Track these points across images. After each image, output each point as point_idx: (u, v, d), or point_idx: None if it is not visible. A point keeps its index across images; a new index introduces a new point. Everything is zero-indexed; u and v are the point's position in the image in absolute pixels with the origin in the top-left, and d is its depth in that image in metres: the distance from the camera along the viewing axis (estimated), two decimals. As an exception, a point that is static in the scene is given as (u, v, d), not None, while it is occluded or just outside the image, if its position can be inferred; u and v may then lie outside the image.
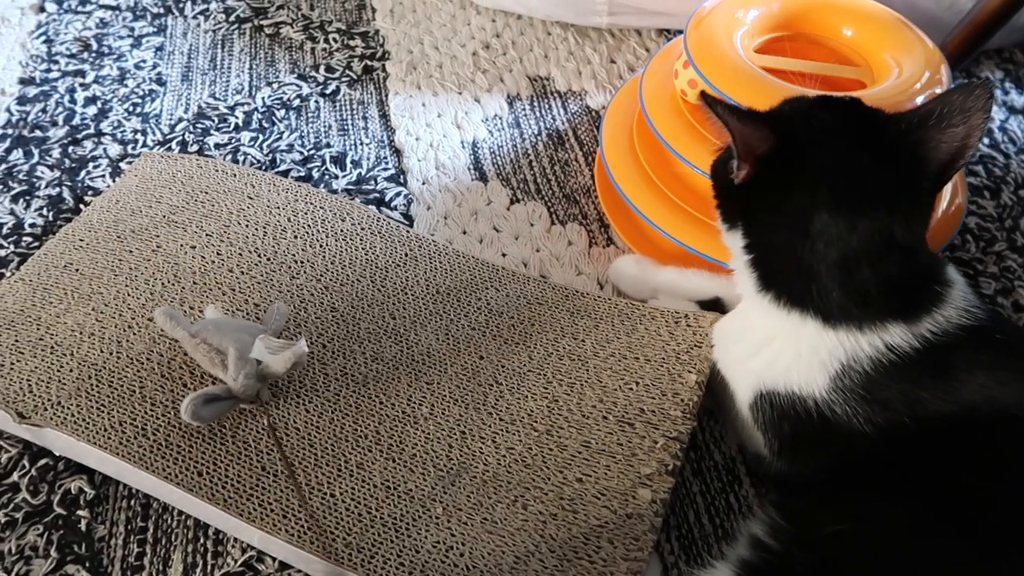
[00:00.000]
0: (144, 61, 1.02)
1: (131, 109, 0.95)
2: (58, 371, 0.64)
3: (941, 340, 0.54)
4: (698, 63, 0.73)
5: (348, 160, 0.91)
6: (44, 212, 0.83)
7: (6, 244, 0.79)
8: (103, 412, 0.62)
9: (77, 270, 0.71)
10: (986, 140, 0.97)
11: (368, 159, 0.91)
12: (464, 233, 0.84)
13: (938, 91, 0.71)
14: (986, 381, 0.54)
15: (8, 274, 0.76)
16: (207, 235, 0.74)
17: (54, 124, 0.93)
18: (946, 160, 0.55)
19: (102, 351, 0.65)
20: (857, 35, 0.78)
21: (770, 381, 0.59)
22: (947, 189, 0.82)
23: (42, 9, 1.09)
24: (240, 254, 0.73)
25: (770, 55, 0.77)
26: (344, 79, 1.01)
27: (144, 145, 0.91)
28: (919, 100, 0.70)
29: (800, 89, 0.70)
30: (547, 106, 0.99)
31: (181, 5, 1.11)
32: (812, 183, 0.54)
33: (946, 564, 0.50)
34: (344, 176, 0.89)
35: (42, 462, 0.63)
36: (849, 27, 0.79)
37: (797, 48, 0.80)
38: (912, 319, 0.55)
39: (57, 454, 0.63)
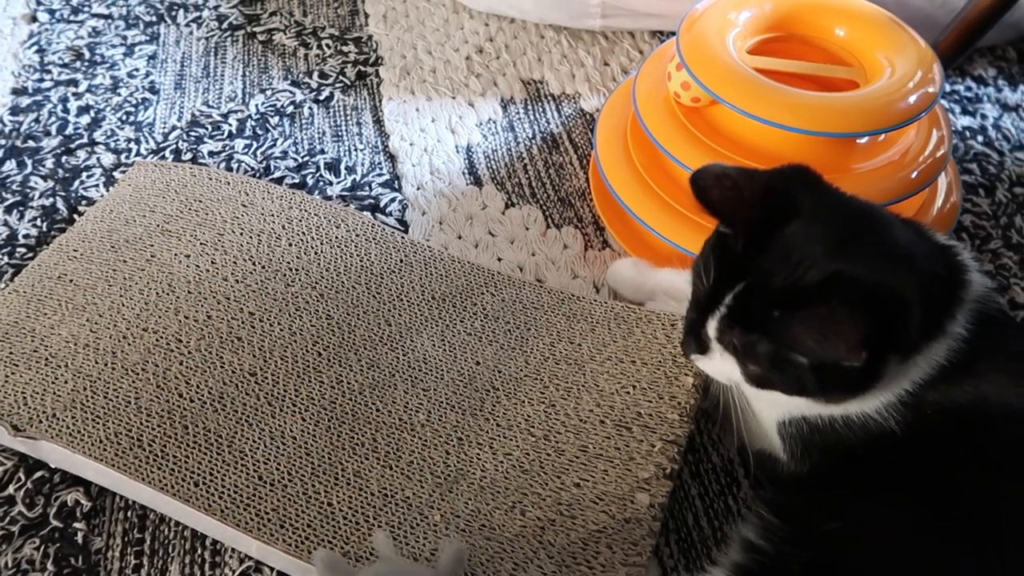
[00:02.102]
0: (137, 70, 1.02)
1: (124, 118, 0.95)
2: (53, 383, 0.63)
3: (971, 332, 0.54)
4: (691, 65, 0.73)
5: (342, 166, 0.90)
6: (38, 223, 0.82)
7: (0, 255, 0.79)
8: (98, 423, 0.61)
9: (71, 281, 0.71)
10: (980, 138, 0.97)
11: (362, 165, 0.91)
12: (459, 238, 0.84)
13: (931, 90, 0.71)
14: (1001, 378, 0.54)
15: (2, 286, 0.76)
16: (201, 244, 0.74)
17: (47, 134, 0.93)
18: None
19: (97, 362, 0.65)
20: (849, 35, 0.78)
21: (814, 411, 0.57)
22: (941, 187, 0.82)
23: (34, 19, 1.09)
24: (235, 262, 0.73)
25: (763, 56, 0.77)
26: (338, 85, 1.01)
27: (138, 154, 0.91)
28: (912, 99, 0.70)
29: (793, 90, 0.70)
30: (541, 109, 0.99)
31: (173, 13, 1.11)
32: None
33: (944, 563, 0.50)
34: (338, 182, 0.88)
35: (38, 474, 0.63)
36: (841, 27, 0.79)
37: (790, 49, 0.80)
38: (955, 317, 0.54)
39: (53, 466, 0.63)
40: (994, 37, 1.04)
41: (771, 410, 0.60)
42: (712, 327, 0.54)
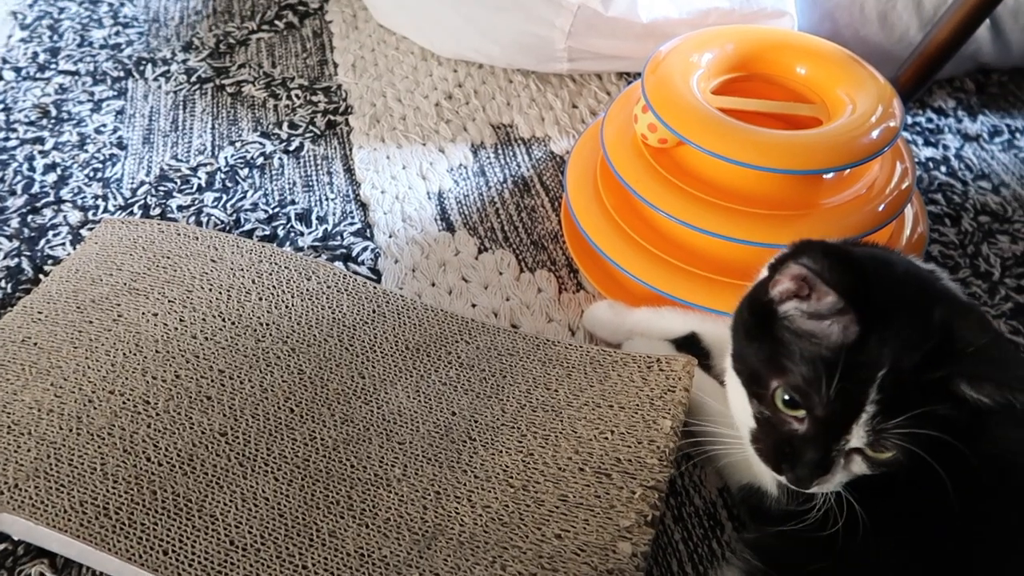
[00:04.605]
0: (104, 125, 1.02)
1: (92, 174, 0.94)
2: (15, 452, 0.61)
3: None
4: (656, 107, 0.73)
5: (314, 216, 0.90)
6: (2, 284, 0.81)
7: (-38, 319, 0.77)
8: (63, 493, 0.59)
9: (35, 344, 0.70)
10: (943, 168, 0.98)
11: (334, 214, 0.91)
12: (433, 285, 0.83)
13: (892, 124, 0.72)
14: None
15: (-36, 351, 0.74)
16: (169, 301, 0.73)
17: (12, 193, 0.91)
18: None
19: (61, 428, 0.63)
20: (810, 73, 0.80)
21: None
22: (908, 218, 0.83)
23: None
24: (204, 319, 0.72)
25: (727, 96, 0.78)
26: (308, 135, 1.01)
27: (105, 210, 0.90)
28: (875, 134, 0.71)
29: (759, 129, 0.71)
30: (511, 153, 0.99)
31: (142, 68, 1.11)
32: None
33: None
34: (310, 233, 0.88)
35: (0, 547, 0.61)
36: (802, 65, 0.80)
37: (753, 88, 0.82)
38: None
39: (16, 539, 0.61)
40: (952, 69, 1.07)
41: None
42: (859, 434, 0.49)
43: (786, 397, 0.51)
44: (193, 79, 1.09)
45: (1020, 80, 1.14)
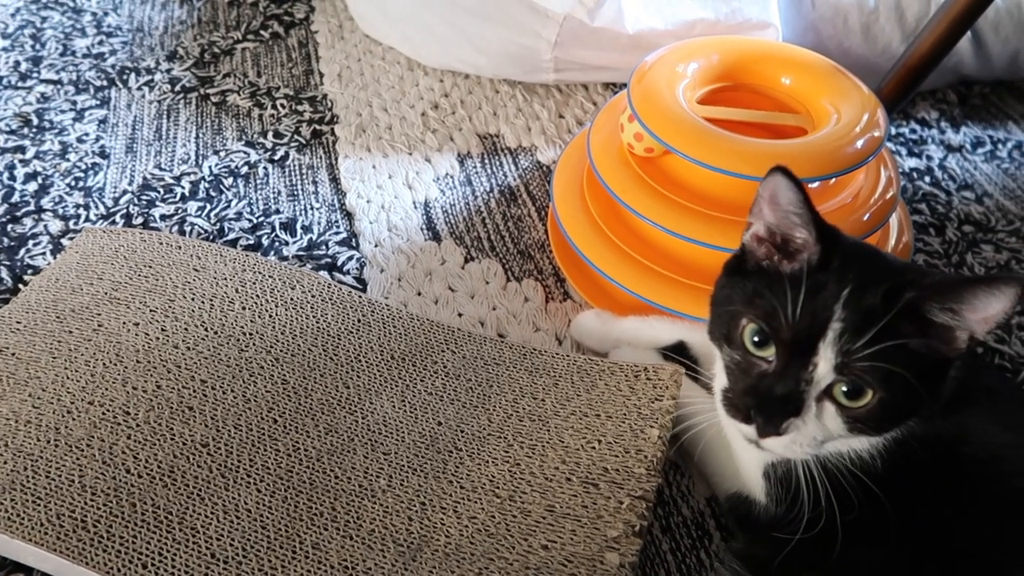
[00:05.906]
0: (87, 134, 1.00)
1: (73, 183, 0.93)
2: (-9, 464, 0.60)
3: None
4: (643, 116, 0.73)
5: (298, 225, 0.89)
6: (-20, 294, 0.80)
7: (-61, 330, 0.76)
8: (39, 505, 0.58)
9: (13, 354, 0.68)
10: (927, 179, 0.99)
11: (319, 224, 0.90)
12: (419, 295, 0.82)
13: (876, 134, 0.72)
14: (979, 412, 0.54)
15: (-60, 362, 0.72)
16: (151, 311, 0.72)
17: (-8, 203, 0.90)
18: None
19: (39, 439, 0.62)
20: (795, 83, 0.80)
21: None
22: (893, 228, 0.84)
23: (-20, 86, 1.08)
24: (186, 329, 0.71)
25: (713, 106, 0.79)
26: (293, 144, 1.00)
27: (87, 220, 0.89)
28: (859, 144, 0.71)
29: (743, 138, 0.71)
30: (498, 163, 0.99)
31: (125, 77, 1.10)
32: None
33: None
34: (295, 242, 0.87)
35: (-26, 563, 0.60)
36: (787, 76, 0.81)
37: (739, 98, 0.82)
38: None
39: (-9, 553, 0.60)
40: (934, 81, 1.08)
41: (759, 451, 0.59)
42: (827, 356, 0.48)
43: (756, 339, 0.51)
44: (177, 88, 1.08)
45: (1002, 92, 1.15)
